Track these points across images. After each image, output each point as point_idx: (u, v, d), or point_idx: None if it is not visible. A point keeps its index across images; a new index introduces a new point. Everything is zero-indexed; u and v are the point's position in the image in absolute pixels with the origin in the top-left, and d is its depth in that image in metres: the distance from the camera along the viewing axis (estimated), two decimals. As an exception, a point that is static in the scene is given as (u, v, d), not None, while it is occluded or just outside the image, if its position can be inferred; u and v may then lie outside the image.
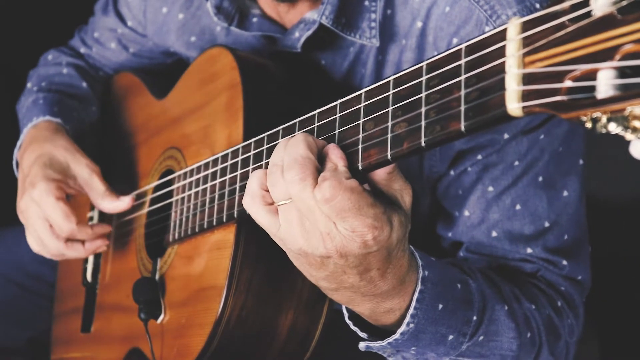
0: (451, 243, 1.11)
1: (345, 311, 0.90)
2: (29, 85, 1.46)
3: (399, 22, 1.04)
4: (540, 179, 1.03)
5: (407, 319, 0.84)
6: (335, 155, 0.73)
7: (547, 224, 1.04)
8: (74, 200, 1.31)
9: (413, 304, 0.83)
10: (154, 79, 1.41)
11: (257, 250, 0.98)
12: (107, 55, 1.50)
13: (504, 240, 1.05)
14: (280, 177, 0.73)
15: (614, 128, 0.51)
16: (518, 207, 1.03)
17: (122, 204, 1.18)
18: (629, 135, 0.51)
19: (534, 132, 1.00)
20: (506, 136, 1.00)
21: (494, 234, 1.05)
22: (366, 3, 1.05)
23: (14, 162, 1.32)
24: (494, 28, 0.62)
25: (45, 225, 1.16)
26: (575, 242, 1.07)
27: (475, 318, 0.91)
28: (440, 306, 0.86)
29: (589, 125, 0.53)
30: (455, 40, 0.99)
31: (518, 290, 1.00)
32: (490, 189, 1.03)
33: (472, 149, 1.03)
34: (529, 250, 1.04)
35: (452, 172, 1.06)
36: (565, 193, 1.04)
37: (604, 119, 0.52)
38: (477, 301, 0.91)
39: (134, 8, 1.39)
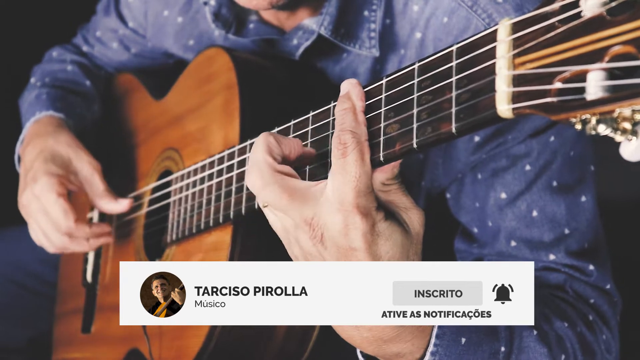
0: (475, 259, 1.04)
1: (360, 356, 0.80)
2: (32, 80, 1.46)
3: (397, 31, 1.03)
4: (555, 184, 0.98)
5: (428, 357, 0.74)
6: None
7: (567, 231, 0.99)
8: (76, 199, 1.31)
9: (433, 339, 0.74)
10: (154, 79, 1.41)
11: (253, 251, 0.98)
12: (109, 55, 1.50)
13: (524, 250, 0.99)
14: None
15: (603, 129, 0.51)
16: (535, 213, 0.98)
17: (119, 206, 1.18)
18: (618, 137, 0.51)
19: (543, 134, 0.97)
20: (514, 140, 0.97)
21: (513, 243, 0.99)
22: (365, 13, 1.03)
23: (15, 157, 1.32)
24: None
25: (48, 219, 1.16)
26: (598, 249, 1.01)
27: (503, 349, 0.82)
28: (464, 340, 0.76)
29: (578, 127, 0.52)
30: None
31: (547, 309, 0.91)
32: (503, 195, 0.99)
33: (479, 160, 1.00)
34: (552, 257, 0.99)
35: (459, 185, 1.03)
36: (583, 198, 1.00)
37: (593, 120, 0.51)
38: (502, 330, 0.82)
39: (134, 9, 1.39)
